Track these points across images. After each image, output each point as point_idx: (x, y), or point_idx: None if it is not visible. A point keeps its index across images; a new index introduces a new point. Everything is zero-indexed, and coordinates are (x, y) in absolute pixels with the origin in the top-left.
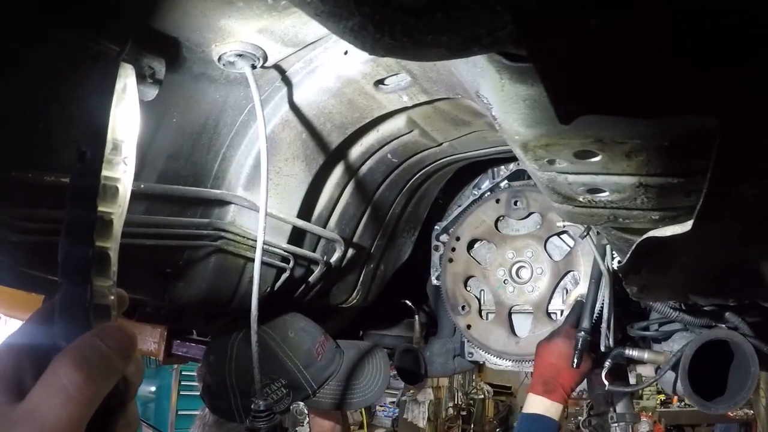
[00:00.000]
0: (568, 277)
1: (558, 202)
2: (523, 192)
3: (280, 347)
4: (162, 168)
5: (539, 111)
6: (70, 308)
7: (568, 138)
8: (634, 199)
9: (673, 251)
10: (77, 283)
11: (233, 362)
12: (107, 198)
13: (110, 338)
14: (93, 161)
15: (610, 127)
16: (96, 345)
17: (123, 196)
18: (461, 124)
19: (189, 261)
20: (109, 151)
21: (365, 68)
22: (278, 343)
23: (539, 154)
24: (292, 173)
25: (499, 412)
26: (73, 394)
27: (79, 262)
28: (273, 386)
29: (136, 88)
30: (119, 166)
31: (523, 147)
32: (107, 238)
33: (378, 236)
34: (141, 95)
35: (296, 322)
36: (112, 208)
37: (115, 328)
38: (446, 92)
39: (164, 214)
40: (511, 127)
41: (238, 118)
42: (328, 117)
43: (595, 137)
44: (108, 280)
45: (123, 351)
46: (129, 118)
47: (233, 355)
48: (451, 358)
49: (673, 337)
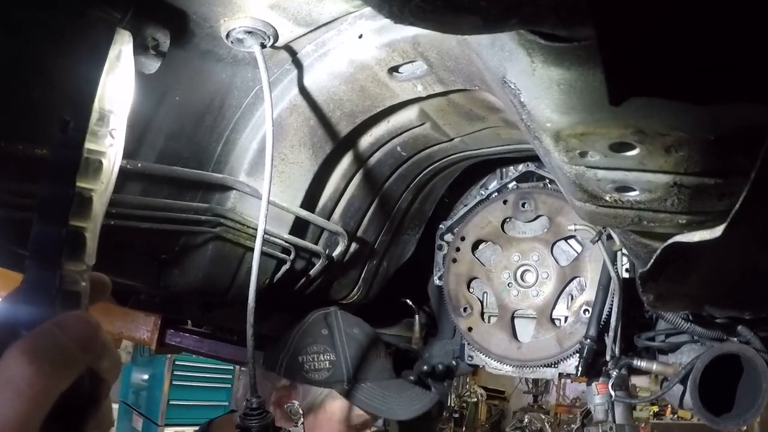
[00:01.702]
0: (574, 283)
1: (581, 200)
2: (531, 194)
3: (341, 334)
4: (161, 147)
5: (576, 96)
6: (36, 294)
7: (606, 127)
8: (664, 201)
9: (694, 259)
10: (45, 267)
11: (305, 326)
12: (89, 173)
13: (70, 328)
14: (75, 131)
15: (655, 115)
16: (53, 335)
17: (107, 173)
18: (475, 119)
19: (186, 247)
20: (95, 122)
21: (380, 53)
22: (342, 331)
23: (572, 145)
24: (298, 161)
25: (492, 416)
26: (22, 389)
27: (49, 244)
28: (323, 356)
29: (132, 58)
30: (105, 138)
31: (555, 136)
32: (85, 218)
33: (383, 232)
34: (142, 67)
35: (367, 328)
36: (94, 184)
37: (76, 316)
38: (463, 83)
39: (162, 196)
40: (543, 113)
41: (244, 100)
42: (338, 104)
43: (637, 127)
44: (81, 265)
45: (83, 343)
46: (121, 89)
47: (309, 321)
48: (450, 361)
49: (681, 349)
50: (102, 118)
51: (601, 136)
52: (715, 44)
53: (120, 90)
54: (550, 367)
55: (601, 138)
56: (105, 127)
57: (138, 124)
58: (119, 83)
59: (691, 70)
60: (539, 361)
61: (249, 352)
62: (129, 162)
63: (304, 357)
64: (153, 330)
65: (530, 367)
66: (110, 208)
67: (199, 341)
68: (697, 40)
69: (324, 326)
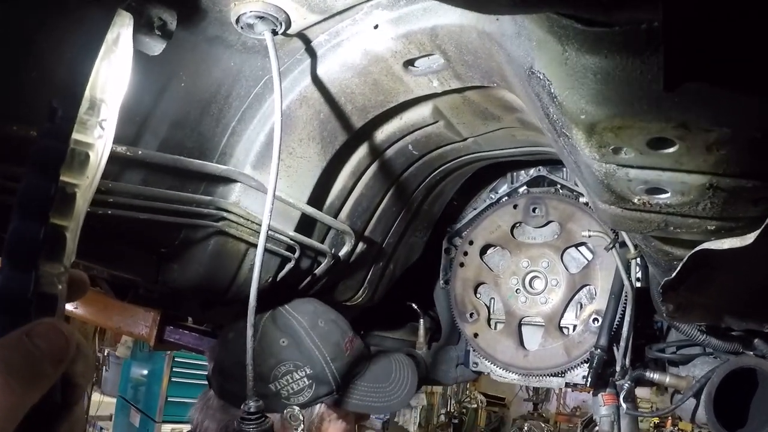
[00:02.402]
0: (584, 291)
1: (607, 202)
2: (542, 199)
3: (308, 334)
4: (164, 136)
5: (614, 87)
6: (9, 297)
7: (647, 121)
8: (696, 204)
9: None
10: (21, 268)
11: (258, 343)
12: (74, 166)
13: (41, 338)
14: (64, 120)
15: (702, 108)
16: (22, 346)
17: (94, 166)
18: (490, 119)
19: (186, 241)
20: (85, 111)
21: (396, 45)
22: (307, 331)
23: (606, 140)
24: (306, 155)
25: (491, 422)
26: None
27: (26, 242)
28: (296, 374)
29: (131, 42)
30: (94, 129)
31: (589, 130)
32: (66, 216)
33: (390, 233)
34: (147, 48)
35: (327, 312)
36: (79, 179)
37: (48, 325)
38: (481, 79)
39: (163, 186)
40: (577, 105)
41: (252, 89)
42: (349, 97)
43: (680, 121)
44: (59, 266)
45: (55, 354)
46: (116, 76)
47: (259, 335)
48: (454, 367)
49: (693, 361)
50: (93, 106)
51: (640, 130)
52: None
53: (115, 77)
54: (557, 377)
55: (640, 133)
56: (95, 116)
57: (140, 110)
58: (115, 70)
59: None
60: (546, 370)
61: (248, 353)
62: (129, 149)
63: (275, 384)
64: (152, 326)
65: (536, 376)
66: (107, 196)
67: (198, 339)
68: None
69: (280, 336)
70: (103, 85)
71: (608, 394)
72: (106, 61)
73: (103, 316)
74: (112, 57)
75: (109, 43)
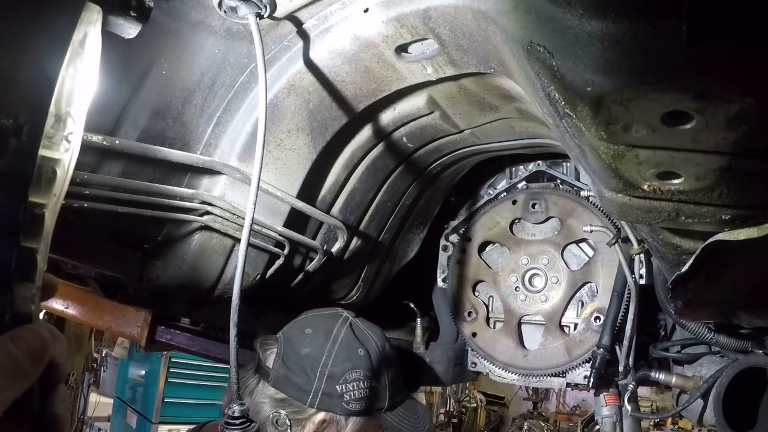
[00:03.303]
0: (585, 288)
1: (613, 190)
2: (542, 194)
3: (380, 352)
4: (145, 125)
5: (623, 54)
6: None
7: (662, 91)
8: (711, 190)
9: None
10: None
11: (336, 345)
12: (41, 185)
13: (22, 341)
14: (30, 137)
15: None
16: (5, 347)
17: (60, 182)
18: (487, 109)
19: (170, 237)
20: (51, 125)
21: (387, 29)
22: (380, 348)
23: (615, 115)
24: (295, 147)
25: (491, 421)
26: None
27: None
28: (363, 383)
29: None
30: (60, 144)
31: (596, 104)
32: (35, 238)
33: (385, 229)
34: (121, 30)
35: (389, 341)
36: (46, 197)
37: (28, 330)
38: (477, 65)
39: (143, 179)
40: (581, 77)
41: (238, 78)
42: (340, 86)
43: (699, 91)
44: (31, 288)
45: (35, 354)
46: (83, 82)
47: (339, 338)
48: (452, 367)
49: (700, 360)
50: (59, 120)
51: (654, 102)
52: None
53: (81, 85)
54: (558, 377)
55: (653, 106)
56: (61, 131)
57: (119, 98)
58: (81, 77)
59: None
60: (546, 369)
61: (232, 354)
62: (106, 138)
63: (343, 386)
64: (143, 326)
65: (537, 376)
66: (83, 188)
67: (190, 339)
68: None
69: (357, 345)
70: (68, 96)
71: (610, 394)
72: (71, 67)
73: (94, 315)
74: (78, 62)
75: (75, 45)
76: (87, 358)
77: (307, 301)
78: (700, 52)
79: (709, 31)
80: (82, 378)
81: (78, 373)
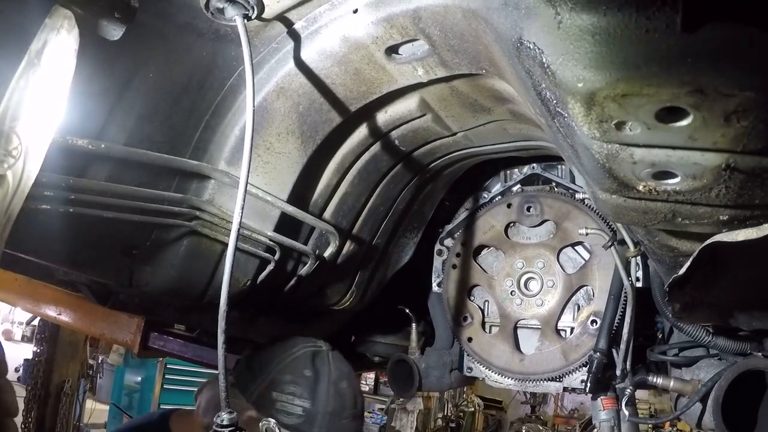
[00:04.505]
0: (581, 292)
1: (608, 191)
2: (537, 197)
3: (329, 383)
4: (131, 129)
5: (615, 47)
6: None
7: (656, 85)
8: (709, 190)
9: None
10: None
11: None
12: None
13: None
14: None
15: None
16: None
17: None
18: (480, 111)
19: (158, 242)
20: None
21: (377, 30)
22: (331, 380)
23: (609, 111)
24: (285, 151)
25: (489, 426)
26: None
27: None
28: (298, 401)
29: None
30: (6, 159)
31: (588, 100)
32: None
33: (379, 233)
34: (104, 32)
35: (355, 382)
36: None
37: None
38: (469, 66)
39: (131, 183)
40: (573, 72)
41: (226, 81)
42: (330, 88)
43: (695, 85)
44: None
45: None
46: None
47: (296, 355)
48: (448, 372)
49: (698, 363)
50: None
51: (648, 98)
52: None
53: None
54: (555, 381)
55: (648, 101)
56: (8, 144)
57: (105, 101)
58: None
59: None
60: (543, 374)
61: (220, 362)
62: (91, 142)
63: (279, 395)
64: (135, 332)
65: (533, 380)
66: (68, 193)
67: (183, 345)
68: None
69: (309, 367)
70: (14, 112)
71: (608, 398)
72: (23, 79)
73: (87, 322)
74: (32, 74)
75: (32, 55)
76: (82, 364)
77: (301, 307)
78: (697, 42)
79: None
80: (77, 384)
81: (73, 379)
